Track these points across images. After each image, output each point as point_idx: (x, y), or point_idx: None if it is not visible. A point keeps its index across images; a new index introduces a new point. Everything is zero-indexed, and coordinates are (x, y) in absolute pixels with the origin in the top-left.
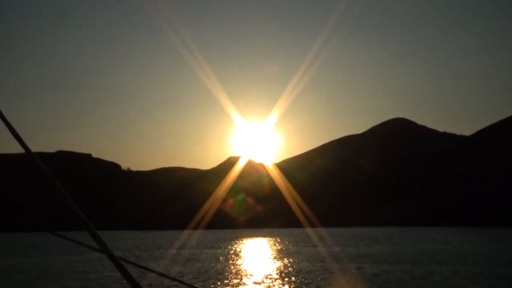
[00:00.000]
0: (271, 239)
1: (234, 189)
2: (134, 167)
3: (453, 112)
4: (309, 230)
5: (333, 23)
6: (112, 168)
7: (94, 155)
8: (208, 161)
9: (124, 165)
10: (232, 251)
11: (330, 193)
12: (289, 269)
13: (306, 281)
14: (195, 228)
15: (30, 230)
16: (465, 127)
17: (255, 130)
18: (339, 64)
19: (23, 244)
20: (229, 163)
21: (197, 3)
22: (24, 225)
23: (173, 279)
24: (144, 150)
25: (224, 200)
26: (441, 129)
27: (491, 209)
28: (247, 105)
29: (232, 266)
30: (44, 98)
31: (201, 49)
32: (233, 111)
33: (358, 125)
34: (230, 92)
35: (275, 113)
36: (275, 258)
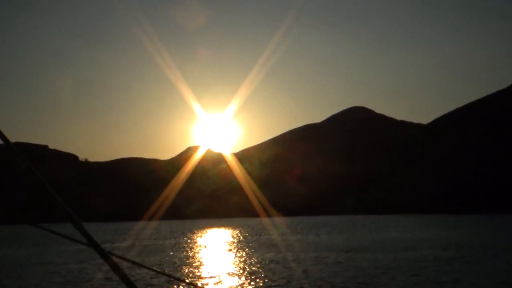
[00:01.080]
0: (231, 229)
1: (193, 178)
2: (92, 158)
3: (411, 100)
4: (267, 220)
5: (294, 13)
6: (69, 159)
7: (51, 147)
8: (167, 152)
9: (82, 156)
10: (193, 241)
11: (288, 183)
12: (252, 258)
13: (270, 271)
14: (151, 219)
15: (7, 223)
16: (423, 116)
17: (215, 121)
18: (298, 54)
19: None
20: (188, 153)
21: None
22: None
23: (158, 272)
24: (102, 140)
25: (182, 189)
26: (399, 117)
27: (450, 196)
28: (207, 96)
29: (196, 257)
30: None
31: (163, 40)
32: (194, 102)
33: (317, 114)
34: (191, 83)
35: (235, 104)
36: (237, 248)
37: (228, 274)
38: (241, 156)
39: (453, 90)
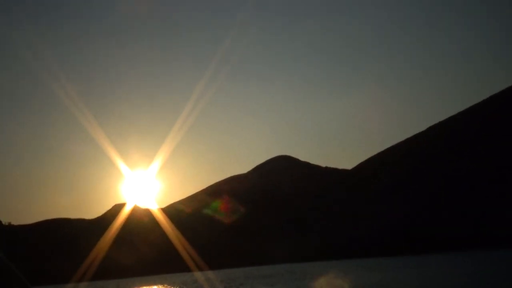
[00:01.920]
0: (162, 286)
1: (121, 236)
2: (16, 221)
3: (334, 147)
4: (198, 274)
5: (216, 65)
6: None
7: None
8: (94, 210)
9: (5, 220)
10: None
11: (215, 236)
12: None
13: None
14: (80, 280)
15: None
16: (346, 161)
17: (140, 176)
18: (221, 107)
19: None
20: (115, 211)
21: (77, 52)
22: None
23: None
24: (25, 203)
25: (111, 248)
26: (323, 164)
27: (376, 240)
28: (131, 153)
29: None
30: None
31: (85, 101)
32: (118, 160)
33: (242, 165)
34: (115, 140)
35: (160, 158)
36: None
37: None
38: (169, 211)
39: (376, 134)
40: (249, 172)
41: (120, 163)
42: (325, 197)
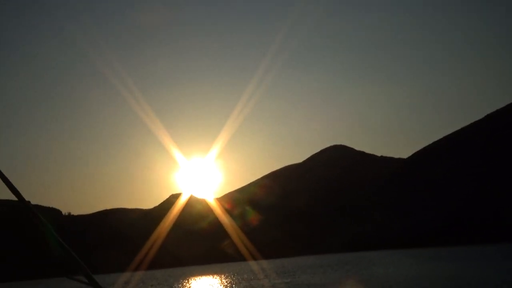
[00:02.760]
0: (219, 275)
1: (177, 225)
2: (75, 212)
3: (389, 136)
4: (253, 263)
5: (272, 55)
6: (52, 214)
7: (33, 202)
8: (151, 200)
9: (65, 210)
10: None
11: (271, 225)
12: None
13: None
14: (136, 269)
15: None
16: (404, 149)
17: (197, 166)
18: (277, 97)
19: None
20: (171, 201)
21: (138, 45)
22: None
23: None
24: (84, 194)
25: (167, 237)
26: (379, 153)
27: (431, 229)
28: (188, 142)
29: None
30: None
31: (142, 91)
32: (174, 150)
33: (298, 155)
34: (172, 131)
35: (216, 148)
36: None
37: None
38: (225, 201)
39: (430, 124)
40: (304, 161)
41: (177, 154)
42: (380, 186)
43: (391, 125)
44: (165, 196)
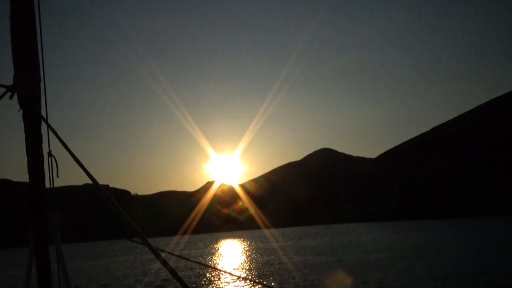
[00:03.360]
0: (243, 238)
1: (214, 204)
2: (140, 192)
3: (362, 141)
4: (266, 231)
5: (282, 78)
6: (124, 193)
7: (111, 185)
8: (192, 185)
9: (133, 191)
10: (219, 246)
11: (278, 204)
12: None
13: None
14: (184, 233)
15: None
16: (371, 151)
17: (225, 161)
18: (285, 109)
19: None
20: (207, 186)
21: (178, 59)
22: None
23: (199, 263)
24: (146, 179)
25: (205, 212)
26: (354, 153)
27: (392, 209)
28: (218, 143)
29: (226, 254)
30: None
31: (185, 105)
32: (210, 149)
33: (297, 154)
34: (207, 134)
35: (239, 148)
36: (252, 251)
37: (251, 265)
38: (247, 186)
39: (391, 133)
40: (302, 159)
41: (211, 151)
42: (355, 177)
43: (364, 134)
44: (203, 182)
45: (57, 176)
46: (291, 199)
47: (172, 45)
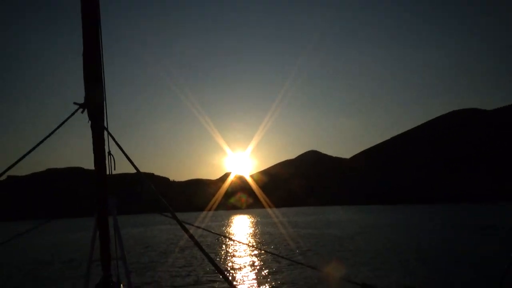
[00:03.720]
0: (253, 214)
1: (230, 189)
2: (176, 179)
3: (339, 144)
4: (269, 210)
5: (285, 88)
6: (164, 180)
7: (156, 173)
8: (214, 175)
9: (171, 178)
10: (236, 221)
11: (278, 190)
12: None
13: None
14: (209, 210)
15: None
16: (347, 152)
17: (239, 157)
18: (283, 120)
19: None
20: (225, 176)
21: (199, 67)
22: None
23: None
24: (180, 169)
25: (225, 196)
26: (334, 154)
27: (362, 196)
28: (233, 142)
29: (243, 226)
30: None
31: (200, 101)
32: (226, 147)
33: (292, 154)
34: (225, 136)
35: (251, 146)
36: (260, 224)
37: (257, 235)
38: (255, 177)
39: (364, 136)
40: (295, 158)
41: (227, 149)
42: (333, 173)
43: (341, 140)
44: (222, 173)
45: (114, 169)
46: (288, 186)
47: (204, 69)
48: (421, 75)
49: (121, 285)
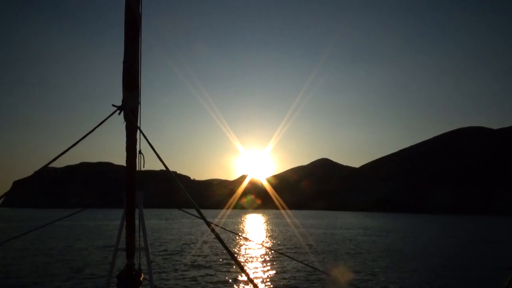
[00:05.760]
0: (268, 214)
1: (246, 190)
2: (197, 178)
3: (349, 153)
4: (282, 211)
5: (300, 97)
6: (185, 178)
7: (178, 172)
8: (231, 176)
9: (192, 177)
10: (251, 219)
11: (292, 192)
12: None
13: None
14: (227, 208)
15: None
16: (356, 162)
17: (255, 160)
18: (297, 129)
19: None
20: (242, 178)
21: (212, 64)
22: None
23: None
24: (200, 169)
25: (241, 196)
26: (344, 163)
27: (371, 203)
28: (249, 145)
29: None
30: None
31: (220, 107)
32: (242, 149)
33: (305, 160)
34: (242, 141)
35: (268, 149)
36: (275, 223)
37: (271, 234)
38: (271, 180)
39: (373, 147)
40: (307, 165)
41: (240, 148)
42: (343, 181)
43: (351, 149)
44: (239, 175)
45: (143, 167)
46: (300, 190)
47: (223, 76)
48: (431, 92)
49: (142, 273)
